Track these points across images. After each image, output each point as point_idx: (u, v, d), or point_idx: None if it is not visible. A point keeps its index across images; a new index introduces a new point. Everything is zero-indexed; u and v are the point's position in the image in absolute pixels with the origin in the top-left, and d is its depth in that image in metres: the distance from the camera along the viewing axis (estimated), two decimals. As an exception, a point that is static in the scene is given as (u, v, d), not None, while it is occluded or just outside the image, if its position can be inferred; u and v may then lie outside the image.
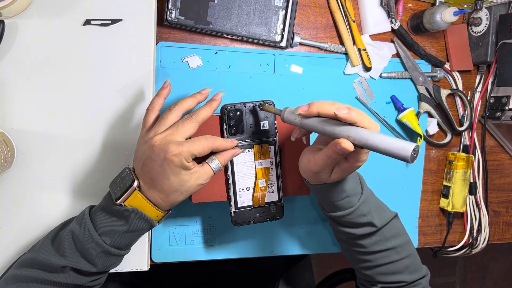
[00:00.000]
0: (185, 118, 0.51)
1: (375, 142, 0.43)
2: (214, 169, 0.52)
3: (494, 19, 0.75)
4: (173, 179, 0.49)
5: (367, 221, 0.56)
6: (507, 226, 0.86)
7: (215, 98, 0.53)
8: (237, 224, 0.58)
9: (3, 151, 0.53)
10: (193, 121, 0.50)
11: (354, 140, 0.44)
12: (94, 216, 0.51)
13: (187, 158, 0.48)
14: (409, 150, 0.41)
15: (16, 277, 0.50)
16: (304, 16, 0.71)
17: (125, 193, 0.49)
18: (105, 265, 0.51)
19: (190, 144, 0.48)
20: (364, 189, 0.57)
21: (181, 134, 0.49)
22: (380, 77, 0.74)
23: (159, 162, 0.48)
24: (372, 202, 0.57)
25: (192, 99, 0.53)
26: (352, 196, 0.55)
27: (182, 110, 0.52)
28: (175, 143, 0.48)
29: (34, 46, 0.57)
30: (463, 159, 0.77)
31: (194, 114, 0.51)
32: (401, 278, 0.59)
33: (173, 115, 0.51)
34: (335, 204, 0.55)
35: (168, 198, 0.50)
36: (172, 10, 0.62)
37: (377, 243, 0.58)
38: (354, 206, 0.55)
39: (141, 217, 0.50)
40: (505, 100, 0.77)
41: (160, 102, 0.53)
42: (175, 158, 0.47)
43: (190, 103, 0.52)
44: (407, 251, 0.60)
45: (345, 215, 0.55)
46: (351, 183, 0.54)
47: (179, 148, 0.47)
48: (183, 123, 0.50)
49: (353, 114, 0.44)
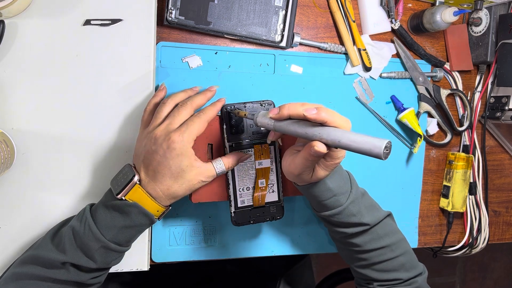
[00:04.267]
0: (179, 105, 0.53)
1: (347, 142, 0.43)
2: (217, 170, 0.53)
3: (494, 19, 0.75)
4: (175, 167, 0.50)
5: (358, 221, 0.56)
6: (507, 226, 0.86)
7: (210, 89, 0.57)
8: (237, 224, 0.58)
9: (3, 151, 0.53)
10: (188, 107, 0.52)
11: (327, 142, 0.44)
12: (94, 211, 0.51)
13: (189, 141, 0.50)
14: (381, 147, 0.40)
15: (16, 275, 0.50)
16: (304, 16, 0.71)
17: (125, 187, 0.50)
18: (105, 261, 0.51)
19: (187, 128, 0.50)
20: (354, 189, 0.56)
21: (178, 122, 0.51)
22: (380, 77, 0.74)
23: (162, 152, 0.49)
24: (363, 202, 0.57)
25: (184, 93, 0.56)
26: (339, 195, 0.54)
27: (175, 102, 0.54)
28: (175, 131, 0.50)
29: (34, 46, 0.57)
30: (463, 159, 0.77)
31: (188, 100, 0.53)
32: (397, 276, 0.59)
33: (167, 108, 0.53)
34: (323, 203, 0.55)
35: (168, 190, 0.50)
36: (172, 10, 0.62)
37: (371, 242, 0.58)
38: (343, 206, 0.55)
39: (141, 212, 0.50)
40: (505, 100, 0.77)
41: (157, 101, 0.56)
42: (177, 145, 0.49)
43: (181, 96, 0.55)
44: (401, 248, 0.59)
45: (334, 215, 0.55)
46: (337, 181, 0.54)
47: (181, 135, 0.49)
48: (178, 111, 0.52)
49: (323, 114, 0.44)
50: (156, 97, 0.57)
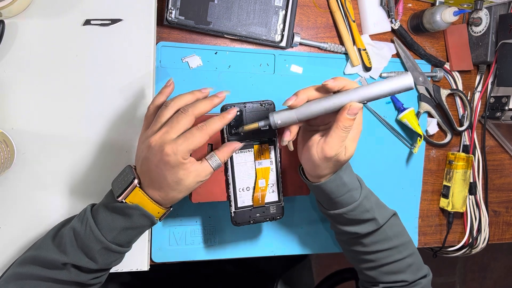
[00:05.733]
0: (180, 112, 0.48)
1: (377, 91, 0.47)
2: (214, 167, 0.50)
3: (494, 19, 0.75)
4: (171, 178, 0.48)
5: (371, 217, 0.55)
6: (507, 226, 0.86)
7: (218, 95, 0.50)
8: (237, 224, 0.58)
9: (3, 151, 0.53)
10: (189, 114, 0.47)
11: (358, 100, 0.47)
12: (95, 213, 0.51)
13: (184, 155, 0.46)
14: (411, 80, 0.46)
15: (16, 275, 0.50)
16: (304, 16, 0.71)
17: (126, 190, 0.49)
18: (106, 262, 0.51)
19: (184, 140, 0.46)
20: (363, 184, 0.57)
21: (176, 131, 0.47)
22: (380, 77, 0.74)
23: (156, 162, 0.47)
24: (372, 198, 0.57)
25: (191, 95, 0.50)
26: (353, 190, 0.54)
27: (179, 106, 0.49)
28: (169, 142, 0.46)
29: (34, 46, 0.57)
30: (463, 159, 0.77)
31: (190, 106, 0.48)
32: (403, 278, 0.58)
33: (168, 112, 0.48)
34: (337, 200, 0.54)
35: (167, 196, 0.50)
36: (172, 10, 0.62)
37: (379, 242, 0.58)
38: (358, 201, 0.54)
39: (143, 214, 0.50)
40: (505, 100, 0.77)
41: (162, 100, 0.51)
42: (170, 159, 0.46)
43: (188, 99, 0.49)
44: (409, 250, 0.59)
45: (348, 212, 0.55)
46: (349, 176, 0.54)
47: (175, 148, 0.46)
48: (177, 118, 0.47)
49: (340, 80, 0.49)
50: (161, 94, 0.51)
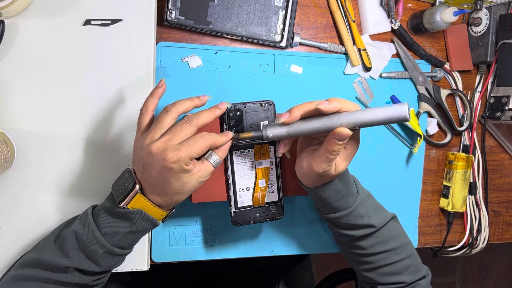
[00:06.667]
0: (184, 120, 0.48)
1: (369, 117, 0.45)
2: (214, 164, 0.51)
3: (494, 19, 0.75)
4: (175, 184, 0.48)
5: (365, 223, 0.56)
6: (507, 226, 0.86)
7: (220, 106, 0.51)
8: (237, 224, 0.58)
9: (3, 151, 0.53)
10: (193, 125, 0.48)
11: (348, 125, 0.46)
12: (97, 216, 0.51)
13: (187, 162, 0.47)
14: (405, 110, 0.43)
15: (18, 277, 0.50)
16: (304, 16, 0.71)
17: (127, 196, 0.49)
18: (109, 264, 0.52)
19: (187, 148, 0.46)
20: (360, 191, 0.57)
21: (179, 140, 0.47)
22: (380, 77, 0.74)
23: (158, 169, 0.47)
24: (369, 203, 0.57)
25: (190, 101, 0.50)
26: (348, 197, 0.55)
27: (178, 112, 0.49)
28: (172, 149, 0.46)
29: (34, 46, 0.57)
30: (463, 159, 0.77)
31: (194, 117, 0.49)
32: (401, 279, 0.59)
33: (169, 118, 0.48)
34: (331, 205, 0.55)
35: (172, 200, 0.50)
36: (172, 10, 0.62)
37: (377, 245, 0.58)
38: (351, 207, 0.55)
39: (145, 218, 0.50)
40: (505, 100, 0.77)
41: (154, 102, 0.51)
42: (174, 165, 0.46)
43: (187, 106, 0.50)
44: (407, 251, 0.60)
45: (342, 217, 0.56)
46: (345, 183, 0.54)
47: (178, 154, 0.46)
48: (181, 127, 0.48)
49: (334, 103, 0.46)
50: (154, 96, 0.51)
